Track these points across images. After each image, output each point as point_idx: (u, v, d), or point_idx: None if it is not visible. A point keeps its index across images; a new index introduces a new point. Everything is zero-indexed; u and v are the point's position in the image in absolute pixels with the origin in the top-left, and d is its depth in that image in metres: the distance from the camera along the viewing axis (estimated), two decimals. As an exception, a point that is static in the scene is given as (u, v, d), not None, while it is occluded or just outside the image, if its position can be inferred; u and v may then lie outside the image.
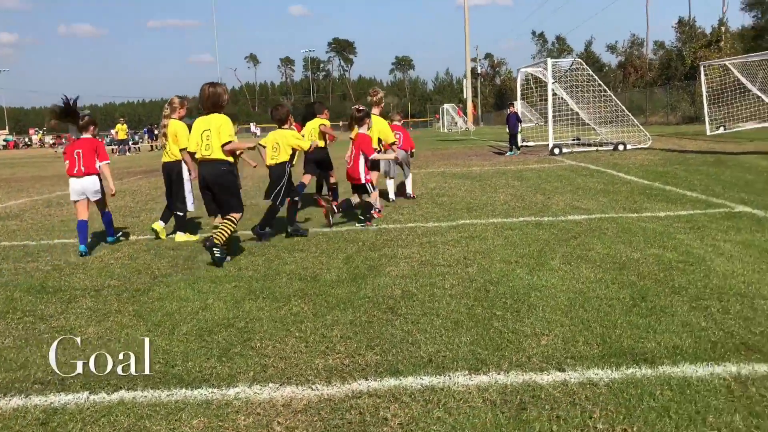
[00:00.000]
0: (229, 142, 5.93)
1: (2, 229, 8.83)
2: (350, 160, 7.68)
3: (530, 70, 20.38)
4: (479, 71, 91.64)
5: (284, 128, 7.17)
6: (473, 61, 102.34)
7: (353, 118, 7.76)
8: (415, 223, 7.58)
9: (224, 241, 5.83)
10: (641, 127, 18.54)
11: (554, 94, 20.02)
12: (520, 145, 19.85)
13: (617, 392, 2.87)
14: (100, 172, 6.88)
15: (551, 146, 17.64)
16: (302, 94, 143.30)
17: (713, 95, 26.19)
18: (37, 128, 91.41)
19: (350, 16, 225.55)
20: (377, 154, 7.85)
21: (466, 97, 62.49)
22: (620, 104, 18.26)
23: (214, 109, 6.01)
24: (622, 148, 17.37)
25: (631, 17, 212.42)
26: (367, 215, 7.53)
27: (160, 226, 7.39)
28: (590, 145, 19.46)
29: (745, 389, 2.85)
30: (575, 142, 20.67)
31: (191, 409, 2.92)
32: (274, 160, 7.00)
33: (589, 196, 9.02)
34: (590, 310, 4.04)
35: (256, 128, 77.77)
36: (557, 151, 17.37)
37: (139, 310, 4.54)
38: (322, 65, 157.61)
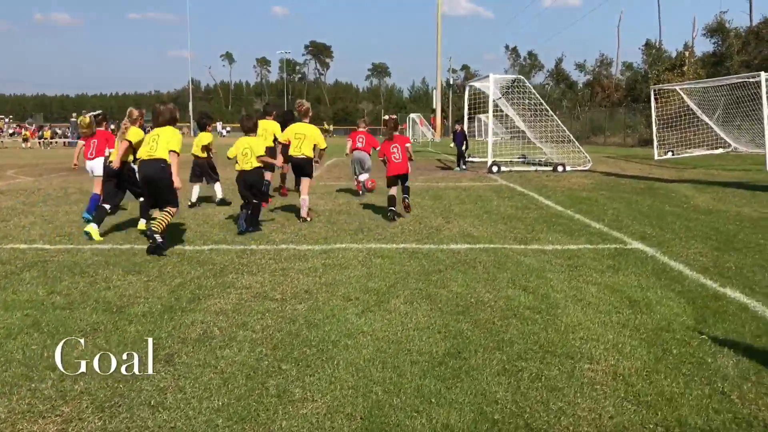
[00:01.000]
0: (177, 153, 6.63)
1: None
2: (400, 156, 8.80)
3: (477, 84, 20.01)
4: (452, 82, 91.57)
5: (251, 136, 8.00)
6: (451, 72, 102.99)
7: (390, 125, 9.05)
8: (289, 244, 7.02)
9: (163, 229, 6.45)
10: (581, 148, 18.26)
11: (500, 110, 19.72)
12: (466, 160, 19.40)
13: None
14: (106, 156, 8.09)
15: (489, 164, 17.24)
16: (277, 95, 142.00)
17: (668, 119, 26.23)
18: (2, 115, 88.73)
19: (329, 19, 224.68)
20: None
21: (435, 107, 62.59)
22: (561, 125, 17.96)
23: (166, 123, 6.81)
24: (561, 169, 17.05)
25: (604, 37, 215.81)
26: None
27: (141, 223, 7.67)
28: (533, 163, 19.16)
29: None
30: (521, 160, 20.36)
31: None
32: (248, 165, 7.70)
33: (490, 221, 8.56)
34: (386, 368, 3.52)
35: (222, 128, 76.64)
36: (495, 169, 16.97)
37: None
38: (298, 67, 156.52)
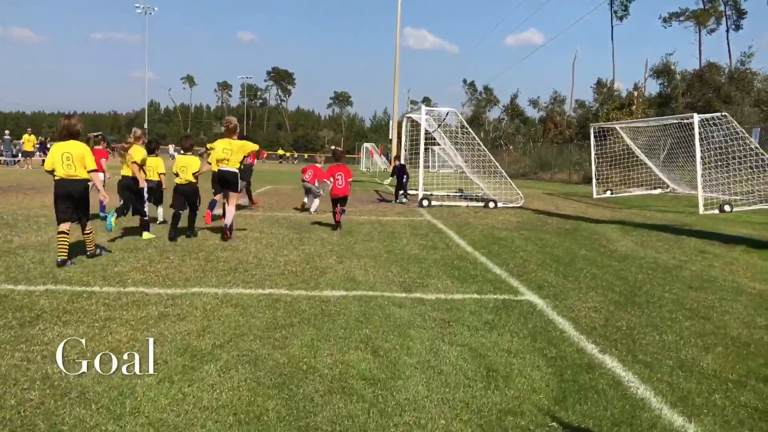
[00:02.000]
0: (94, 170, 7.15)
1: None
2: (343, 183, 10.86)
3: (414, 116, 19.54)
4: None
5: (188, 154, 9.57)
6: (410, 104, 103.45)
7: (337, 154, 11.61)
8: (140, 286, 6.12)
9: (94, 243, 7.45)
10: (513, 185, 17.83)
11: (436, 142, 19.25)
12: (407, 193, 18.70)
13: None
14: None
15: (420, 197, 16.64)
16: (237, 119, 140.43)
17: (613, 158, 26.24)
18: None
19: (292, 47, 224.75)
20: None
21: (391, 137, 62.42)
22: (493, 159, 17.53)
23: (69, 137, 7.04)
24: (492, 205, 16.55)
25: (562, 74, 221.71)
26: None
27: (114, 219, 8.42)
28: (467, 198, 18.67)
29: None
30: (458, 195, 19.85)
31: None
32: (184, 180, 9.31)
33: (386, 263, 7.83)
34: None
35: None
36: (425, 203, 16.36)
37: None
38: (259, 93, 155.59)
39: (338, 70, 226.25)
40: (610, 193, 23.50)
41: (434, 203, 16.61)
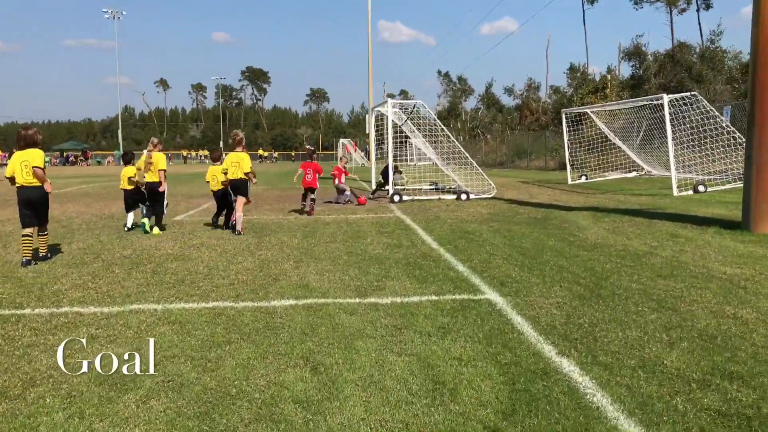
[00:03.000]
0: (42, 168, 7.58)
1: None
2: (312, 177, 13.22)
3: (381, 109, 19.17)
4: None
5: (216, 164, 11.26)
6: (386, 97, 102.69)
7: (308, 153, 15.21)
8: (75, 306, 5.73)
9: (47, 247, 8.03)
10: (485, 175, 17.56)
11: (407, 136, 18.93)
12: (381, 189, 18.23)
13: None
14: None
15: (390, 193, 16.30)
16: (213, 120, 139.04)
17: (588, 143, 26.09)
18: None
19: (266, 45, 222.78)
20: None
21: (368, 132, 61.95)
22: (463, 150, 17.23)
23: (27, 146, 7.57)
24: (464, 197, 16.25)
25: (536, 60, 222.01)
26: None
27: (148, 223, 10.36)
28: (440, 190, 18.37)
29: None
30: (432, 188, 19.54)
31: None
32: (216, 187, 10.99)
33: (345, 265, 7.49)
34: None
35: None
36: (397, 198, 16.01)
37: None
38: (234, 93, 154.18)
39: (314, 66, 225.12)
40: (585, 178, 23.33)
41: (405, 198, 16.27)
